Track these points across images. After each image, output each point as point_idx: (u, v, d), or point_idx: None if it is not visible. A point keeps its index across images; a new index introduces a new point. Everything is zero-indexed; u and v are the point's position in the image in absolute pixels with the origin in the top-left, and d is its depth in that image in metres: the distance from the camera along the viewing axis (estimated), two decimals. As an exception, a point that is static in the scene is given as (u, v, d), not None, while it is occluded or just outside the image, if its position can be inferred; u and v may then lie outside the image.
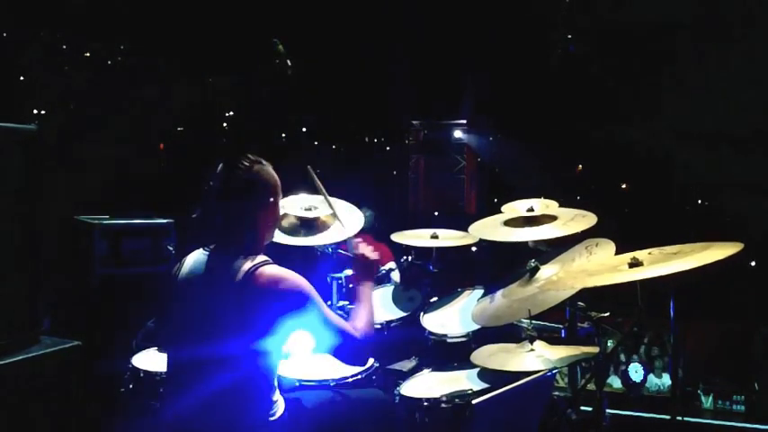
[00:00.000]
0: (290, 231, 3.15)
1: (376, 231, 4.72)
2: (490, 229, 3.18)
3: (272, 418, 2.12)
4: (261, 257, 2.10)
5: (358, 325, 2.24)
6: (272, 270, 2.07)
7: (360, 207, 3.44)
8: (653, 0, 6.64)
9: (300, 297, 2.06)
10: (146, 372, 2.79)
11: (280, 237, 3.08)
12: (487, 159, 9.97)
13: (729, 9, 6.36)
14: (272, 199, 2.18)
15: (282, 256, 2.21)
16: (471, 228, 3.26)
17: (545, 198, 3.19)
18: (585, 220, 2.96)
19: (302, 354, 2.86)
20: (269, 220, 2.20)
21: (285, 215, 3.19)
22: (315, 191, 3.10)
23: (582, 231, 2.88)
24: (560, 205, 3.14)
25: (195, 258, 2.17)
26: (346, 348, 2.17)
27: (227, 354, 2.01)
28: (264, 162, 2.18)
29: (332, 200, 3.14)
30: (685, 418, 3.94)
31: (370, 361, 2.87)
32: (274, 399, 2.16)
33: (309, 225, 3.17)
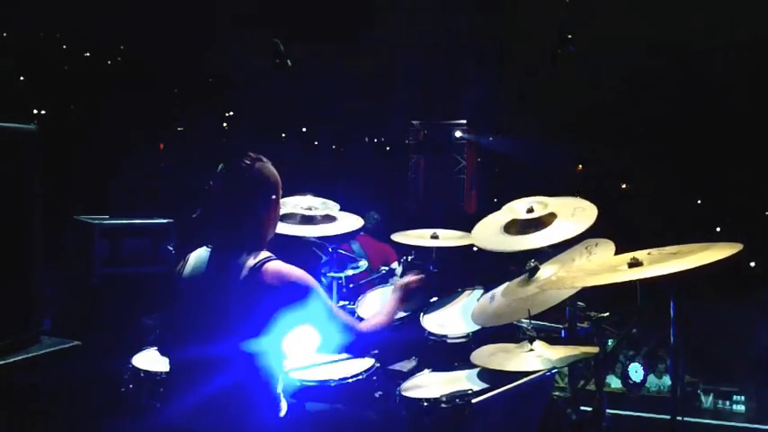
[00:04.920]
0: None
1: (380, 233, 4.70)
2: (492, 238, 3.10)
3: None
4: (265, 253, 2.11)
5: (368, 324, 2.37)
6: (277, 265, 2.08)
7: (367, 210, 3.44)
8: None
9: (303, 290, 2.09)
10: (146, 372, 2.79)
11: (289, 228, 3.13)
12: (487, 159, 9.97)
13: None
14: (273, 196, 2.20)
15: (283, 256, 2.21)
16: (473, 237, 3.20)
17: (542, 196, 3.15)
18: (586, 213, 2.92)
19: (304, 353, 2.85)
20: (271, 217, 2.22)
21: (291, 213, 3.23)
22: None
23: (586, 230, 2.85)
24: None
25: (198, 257, 2.17)
26: (351, 342, 2.25)
27: (232, 351, 2.02)
28: (265, 159, 2.19)
29: None
30: (685, 418, 3.94)
31: (371, 361, 2.87)
32: (278, 400, 2.16)
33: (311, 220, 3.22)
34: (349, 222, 3.35)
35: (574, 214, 2.93)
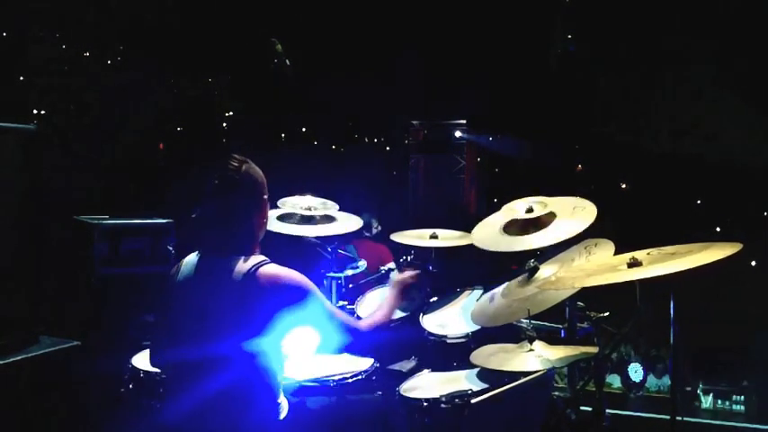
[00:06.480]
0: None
1: (375, 235, 4.70)
2: (492, 238, 3.11)
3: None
4: (260, 257, 2.11)
5: (368, 321, 2.36)
6: (272, 269, 2.08)
7: (360, 213, 3.46)
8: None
9: (300, 292, 2.09)
10: (146, 372, 2.79)
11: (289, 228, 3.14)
12: (487, 159, 9.97)
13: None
14: (264, 196, 2.21)
15: (282, 255, 2.21)
16: (473, 238, 3.20)
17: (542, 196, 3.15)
18: (585, 212, 2.92)
19: (303, 353, 2.85)
20: (261, 218, 2.22)
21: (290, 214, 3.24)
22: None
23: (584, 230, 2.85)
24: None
25: (192, 261, 2.17)
26: (351, 342, 2.24)
27: (228, 354, 2.02)
28: (250, 161, 2.20)
29: None
30: (685, 418, 3.94)
31: (370, 361, 2.87)
32: (279, 400, 2.16)
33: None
34: (349, 224, 3.34)
35: (573, 213, 2.93)
